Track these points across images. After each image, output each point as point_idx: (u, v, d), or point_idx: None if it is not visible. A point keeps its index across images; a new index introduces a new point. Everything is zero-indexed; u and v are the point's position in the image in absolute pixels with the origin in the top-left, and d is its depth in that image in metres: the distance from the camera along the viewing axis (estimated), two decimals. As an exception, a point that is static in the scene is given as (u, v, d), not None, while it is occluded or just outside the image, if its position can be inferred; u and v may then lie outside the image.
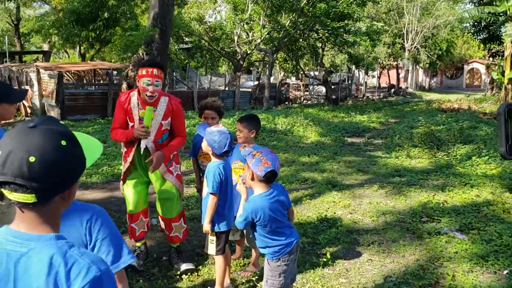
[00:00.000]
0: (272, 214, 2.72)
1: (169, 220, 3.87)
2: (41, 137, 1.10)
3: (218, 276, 3.39)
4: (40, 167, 1.08)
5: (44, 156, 1.08)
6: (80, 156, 1.20)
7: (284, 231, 2.81)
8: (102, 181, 7.04)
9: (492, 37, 26.44)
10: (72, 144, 1.16)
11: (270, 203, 2.72)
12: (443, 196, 6.28)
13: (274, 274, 2.79)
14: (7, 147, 1.09)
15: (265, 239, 2.79)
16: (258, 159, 2.67)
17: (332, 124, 14.95)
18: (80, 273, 1.09)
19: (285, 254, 2.78)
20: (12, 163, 1.07)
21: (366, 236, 4.88)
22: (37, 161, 1.07)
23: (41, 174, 1.08)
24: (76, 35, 18.58)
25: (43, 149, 1.09)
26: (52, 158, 1.09)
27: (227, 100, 20.25)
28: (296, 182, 7.23)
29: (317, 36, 23.03)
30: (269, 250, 2.80)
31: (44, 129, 1.13)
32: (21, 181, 1.07)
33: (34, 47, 31.99)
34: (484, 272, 4.04)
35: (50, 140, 1.11)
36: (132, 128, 3.63)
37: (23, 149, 1.08)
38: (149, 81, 3.48)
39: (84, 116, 14.57)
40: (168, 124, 3.74)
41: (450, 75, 51.89)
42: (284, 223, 2.83)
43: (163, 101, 3.67)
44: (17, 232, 1.14)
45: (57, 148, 1.11)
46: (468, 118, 15.29)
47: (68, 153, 1.14)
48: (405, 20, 34.07)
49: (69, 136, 1.16)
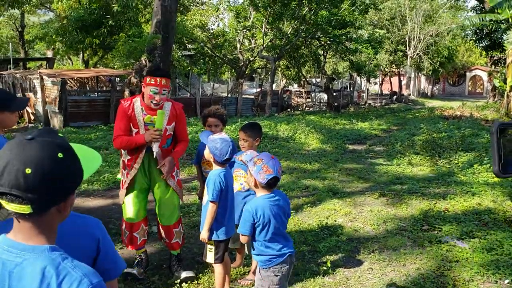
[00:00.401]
0: (271, 216, 2.74)
1: (170, 227, 3.87)
2: (38, 149, 1.12)
3: (217, 284, 3.39)
4: (36, 178, 1.09)
5: (40, 168, 1.10)
6: (77, 168, 1.21)
7: (280, 241, 2.82)
8: (104, 188, 7.06)
9: (494, 44, 26.45)
10: (69, 157, 1.18)
11: (271, 204, 2.75)
12: (444, 204, 6.27)
13: (263, 284, 2.80)
14: (5, 159, 1.11)
15: (260, 246, 2.80)
16: (260, 166, 2.70)
17: (334, 131, 14.96)
18: (71, 286, 1.10)
19: (276, 264, 2.77)
20: (9, 174, 1.09)
21: (367, 244, 4.88)
22: (33, 172, 1.09)
23: (37, 185, 1.10)
24: (80, 42, 18.73)
25: (39, 161, 1.11)
26: (48, 170, 1.11)
27: (229, 107, 20.31)
28: (297, 189, 7.23)
29: (319, 43, 23.11)
30: (261, 258, 2.81)
31: (41, 141, 1.15)
32: (17, 192, 1.09)
33: (38, 54, 32.17)
34: (485, 281, 4.03)
35: (47, 152, 1.13)
36: (136, 134, 3.65)
37: (20, 161, 1.10)
38: (156, 90, 3.51)
39: (87, 122, 14.62)
40: (172, 129, 3.76)
41: (453, 82, 51.91)
42: (281, 232, 2.83)
43: (166, 106, 3.71)
44: (13, 242, 1.15)
45: (53, 160, 1.13)
46: (470, 125, 15.26)
47: (65, 165, 1.15)
48: (408, 27, 34.17)
49: (66, 148, 1.18)
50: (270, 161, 2.73)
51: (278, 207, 2.79)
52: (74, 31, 18.68)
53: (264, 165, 2.70)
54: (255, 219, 2.73)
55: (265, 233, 2.76)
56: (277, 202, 2.79)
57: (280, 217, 2.80)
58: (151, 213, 4.21)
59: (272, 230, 2.76)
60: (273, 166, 2.72)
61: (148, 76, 3.55)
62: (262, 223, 2.73)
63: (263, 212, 2.73)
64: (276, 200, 2.80)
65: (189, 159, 9.26)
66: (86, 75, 17.14)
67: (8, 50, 23.70)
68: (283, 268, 2.80)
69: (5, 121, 2.59)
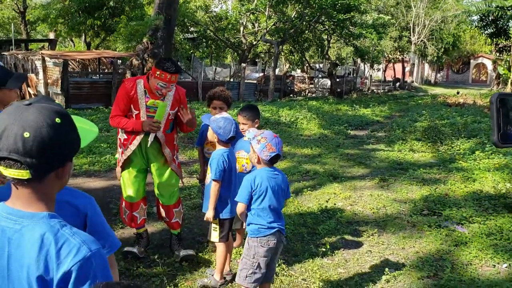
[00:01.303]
0: (269, 187, 2.82)
1: (170, 207, 3.89)
2: (36, 114, 1.12)
3: (218, 263, 3.41)
4: (35, 142, 1.09)
5: (39, 132, 1.10)
6: (74, 135, 1.21)
7: (272, 216, 2.87)
8: (105, 169, 7.07)
9: (500, 31, 26.20)
10: (67, 122, 1.18)
11: (270, 177, 2.85)
12: (444, 190, 6.27)
13: (249, 254, 2.87)
14: (3, 123, 1.11)
15: (253, 215, 2.87)
16: (264, 144, 2.80)
17: (336, 117, 14.92)
18: (70, 253, 1.10)
19: (264, 236, 2.84)
20: (7, 139, 1.09)
21: (366, 228, 4.90)
22: (32, 136, 1.09)
23: (35, 149, 1.09)
24: (82, 23, 18.58)
25: (37, 125, 1.10)
26: (46, 134, 1.11)
27: (232, 91, 20.20)
28: (298, 173, 7.24)
29: (323, 28, 22.91)
30: (251, 227, 2.89)
31: (39, 106, 1.14)
32: (16, 156, 1.09)
33: (40, 36, 31.97)
34: (483, 265, 4.05)
35: (45, 117, 1.12)
36: (137, 116, 3.63)
37: (18, 125, 1.09)
38: (165, 85, 3.48)
39: (88, 104, 14.57)
40: (174, 114, 3.74)
41: (456, 70, 51.58)
42: (276, 208, 2.89)
43: (170, 91, 3.69)
44: (12, 209, 1.16)
45: (51, 125, 1.12)
46: (473, 112, 15.21)
47: (62, 131, 1.15)
48: (412, 13, 33.82)
49: (63, 114, 1.18)
50: (273, 139, 2.82)
51: (276, 182, 2.87)
52: (76, 12, 18.52)
53: (268, 143, 2.80)
54: (253, 187, 2.82)
55: (259, 201, 2.84)
56: (276, 177, 2.88)
57: (276, 192, 2.86)
58: (151, 194, 4.22)
59: (267, 202, 2.83)
60: (275, 144, 2.81)
61: (159, 70, 3.44)
62: (259, 192, 2.82)
63: (261, 181, 2.82)
64: (275, 174, 2.89)
65: (190, 143, 9.27)
66: (88, 57, 17.04)
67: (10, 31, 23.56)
68: (270, 242, 2.86)
69: (3, 98, 2.58)
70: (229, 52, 27.44)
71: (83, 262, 1.10)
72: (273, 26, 20.88)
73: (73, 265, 1.09)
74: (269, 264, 2.95)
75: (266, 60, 29.84)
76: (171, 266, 3.80)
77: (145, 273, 3.64)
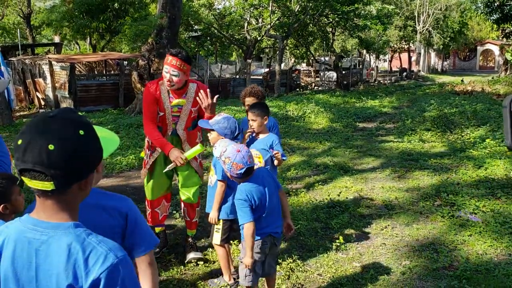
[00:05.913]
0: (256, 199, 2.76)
1: (194, 206, 3.94)
2: (60, 126, 1.15)
3: (222, 265, 3.46)
4: (59, 154, 1.11)
5: (63, 144, 1.12)
6: (97, 146, 1.23)
7: (264, 221, 2.84)
8: (117, 171, 7.13)
9: (506, 17, 25.85)
10: (90, 134, 1.20)
11: (252, 190, 2.77)
12: (456, 179, 6.25)
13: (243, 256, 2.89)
14: (28, 136, 1.13)
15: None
16: (229, 165, 2.72)
17: (344, 110, 14.87)
18: (98, 260, 1.12)
19: (255, 241, 2.81)
20: (32, 151, 1.11)
21: (379, 221, 4.90)
22: (56, 148, 1.11)
23: (60, 161, 1.12)
24: (87, 26, 18.66)
25: (62, 137, 1.13)
26: (71, 146, 1.13)
27: (238, 88, 20.19)
28: (308, 168, 7.24)
29: (327, 20, 22.79)
30: (242, 231, 2.85)
31: (64, 118, 1.17)
32: (40, 168, 1.11)
33: (46, 40, 32.11)
34: (498, 254, 4.04)
35: (69, 129, 1.15)
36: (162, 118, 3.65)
37: (43, 137, 1.12)
38: (166, 69, 3.52)
39: (97, 107, 14.68)
40: (197, 111, 3.78)
41: (463, 57, 51.11)
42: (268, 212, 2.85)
43: (191, 87, 3.72)
44: (37, 221, 1.18)
45: (75, 137, 1.15)
46: (482, 100, 15.08)
47: (86, 143, 1.18)
48: (417, 2, 33.52)
49: (87, 126, 1.20)
50: (236, 156, 2.70)
51: (260, 191, 2.79)
52: (80, 15, 18.59)
53: (232, 163, 2.70)
54: (247, 200, 2.74)
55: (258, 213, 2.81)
56: (256, 187, 2.79)
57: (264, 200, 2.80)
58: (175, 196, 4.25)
59: (257, 213, 2.79)
60: (241, 159, 2.69)
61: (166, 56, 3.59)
62: (254, 204, 2.76)
63: (252, 195, 2.75)
64: (259, 181, 2.81)
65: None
66: (94, 59, 17.12)
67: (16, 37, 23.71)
68: (262, 245, 2.86)
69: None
70: (234, 48, 27.39)
71: (111, 269, 1.12)
72: (277, 21, 20.80)
73: (101, 272, 1.11)
74: (267, 263, 2.98)
75: (271, 55, 29.77)
76: (187, 266, 3.82)
77: (162, 274, 3.68)
